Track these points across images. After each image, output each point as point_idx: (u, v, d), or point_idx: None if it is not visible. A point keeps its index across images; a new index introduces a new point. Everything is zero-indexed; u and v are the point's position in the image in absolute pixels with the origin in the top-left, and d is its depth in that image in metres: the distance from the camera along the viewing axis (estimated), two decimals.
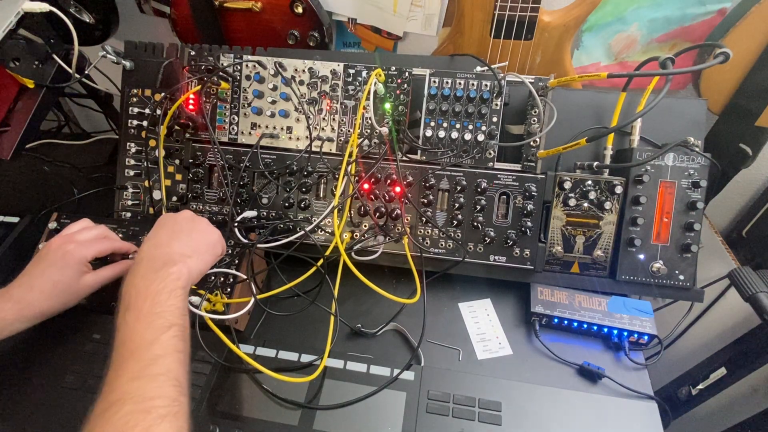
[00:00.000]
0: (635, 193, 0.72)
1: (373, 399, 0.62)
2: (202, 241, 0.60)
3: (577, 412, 0.62)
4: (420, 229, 0.77)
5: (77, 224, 0.68)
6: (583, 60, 1.01)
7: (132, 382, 0.43)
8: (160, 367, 0.45)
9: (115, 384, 0.43)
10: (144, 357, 0.45)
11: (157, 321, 0.47)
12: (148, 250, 0.56)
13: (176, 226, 0.60)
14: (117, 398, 0.42)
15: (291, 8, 0.91)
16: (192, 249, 0.57)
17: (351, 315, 0.74)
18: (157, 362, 0.45)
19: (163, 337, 0.47)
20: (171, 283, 0.51)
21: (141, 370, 0.44)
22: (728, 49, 0.59)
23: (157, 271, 0.52)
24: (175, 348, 0.47)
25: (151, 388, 0.43)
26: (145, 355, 0.45)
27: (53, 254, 0.62)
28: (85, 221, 0.69)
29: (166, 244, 0.56)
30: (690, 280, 0.73)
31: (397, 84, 0.75)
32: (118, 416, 0.40)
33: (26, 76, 0.81)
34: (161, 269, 0.52)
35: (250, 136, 0.80)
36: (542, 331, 0.73)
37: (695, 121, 0.76)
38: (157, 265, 0.53)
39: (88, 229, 0.67)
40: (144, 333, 0.46)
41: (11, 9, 0.75)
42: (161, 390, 0.43)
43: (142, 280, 0.51)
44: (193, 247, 0.58)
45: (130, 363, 0.44)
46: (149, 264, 0.53)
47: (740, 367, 0.72)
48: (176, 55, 0.83)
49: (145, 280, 0.51)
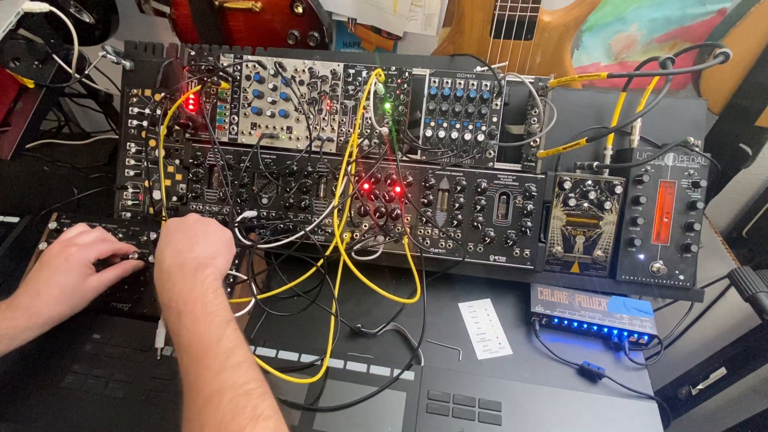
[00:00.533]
0: (635, 193, 0.72)
1: (374, 399, 0.62)
2: (219, 242, 0.61)
3: (577, 412, 0.62)
4: (420, 229, 0.77)
5: (74, 229, 0.68)
6: (583, 60, 1.01)
7: (219, 375, 0.45)
8: (238, 357, 0.47)
9: (204, 381, 0.45)
10: (219, 352, 0.47)
11: (215, 320, 0.50)
12: (173, 257, 0.56)
13: (191, 231, 0.60)
14: (213, 391, 0.44)
15: (291, 8, 0.90)
16: (214, 250, 0.59)
17: (351, 315, 0.74)
18: (234, 353, 0.47)
19: (227, 331, 0.49)
20: (211, 284, 0.53)
21: (222, 363, 0.46)
22: (728, 49, 0.59)
23: (194, 276, 0.53)
24: (240, 339, 0.49)
25: (239, 375, 0.45)
26: (219, 350, 0.47)
27: (56, 259, 0.62)
28: (81, 225, 0.70)
29: (189, 250, 0.57)
30: (690, 280, 0.73)
31: (397, 84, 0.75)
32: (224, 404, 0.42)
33: (26, 76, 0.81)
34: (196, 273, 0.53)
35: (250, 136, 0.80)
36: (542, 331, 0.73)
37: (695, 121, 0.76)
38: (190, 270, 0.54)
39: (86, 233, 0.68)
40: (208, 332, 0.49)
41: (11, 9, 0.75)
42: (249, 374, 0.46)
43: (182, 287, 0.52)
44: (213, 248, 0.59)
45: (206, 361, 0.46)
46: (181, 270, 0.54)
47: (740, 367, 0.72)
48: (176, 55, 0.83)
49: (186, 286, 0.52)
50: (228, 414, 0.42)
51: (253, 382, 0.45)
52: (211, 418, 0.42)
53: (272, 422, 0.42)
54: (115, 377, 0.63)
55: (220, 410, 0.42)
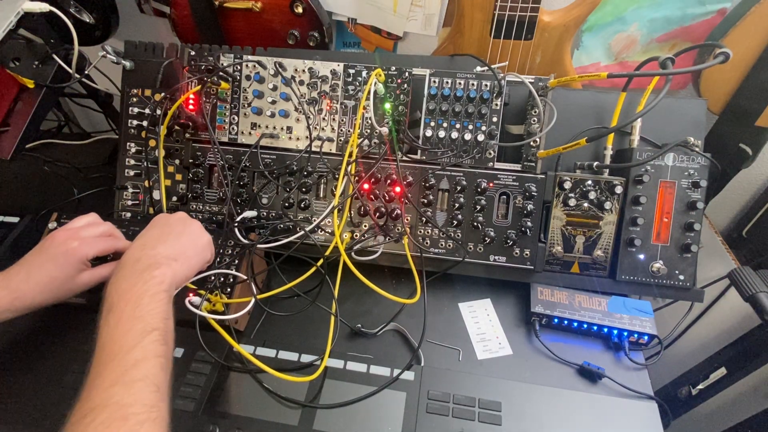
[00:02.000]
0: (635, 193, 0.72)
1: (374, 399, 0.62)
2: (189, 245, 0.59)
3: (577, 412, 0.62)
4: (420, 229, 0.77)
5: (84, 218, 0.66)
6: (583, 60, 1.01)
7: (110, 388, 0.42)
8: (139, 373, 0.44)
9: (93, 391, 0.42)
10: (123, 362, 0.44)
11: (138, 325, 0.47)
12: (134, 251, 0.55)
13: (166, 228, 0.59)
14: (94, 405, 0.41)
15: (291, 8, 0.91)
16: (178, 252, 0.57)
17: (351, 315, 0.74)
18: (137, 367, 0.44)
19: (144, 341, 0.46)
20: (154, 287, 0.51)
21: (120, 375, 0.43)
22: (728, 49, 0.59)
23: (141, 273, 0.51)
24: (155, 353, 0.46)
25: (129, 394, 0.42)
26: (125, 360, 0.44)
27: (55, 249, 0.61)
28: (93, 216, 0.68)
29: (152, 246, 0.56)
30: (690, 280, 0.73)
31: (397, 84, 0.75)
32: (95, 423, 0.39)
33: (26, 76, 0.81)
34: (145, 271, 0.52)
35: (250, 136, 0.80)
36: (542, 331, 0.73)
37: (695, 121, 0.76)
38: (141, 267, 0.52)
39: (94, 226, 0.66)
40: (124, 337, 0.46)
41: (11, 9, 0.75)
42: (139, 396, 0.42)
43: (125, 282, 0.51)
44: (179, 250, 0.57)
45: (108, 368, 0.44)
46: (133, 266, 0.53)
47: (740, 367, 0.72)
48: (176, 55, 0.82)
49: (128, 283, 0.51)
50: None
51: (138, 405, 0.41)
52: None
53: None
54: None
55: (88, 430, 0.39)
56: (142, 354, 0.45)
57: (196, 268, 0.60)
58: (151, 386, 0.44)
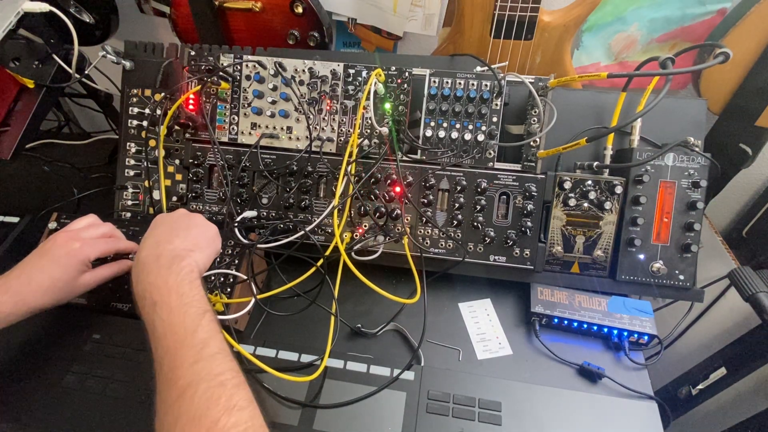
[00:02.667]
0: (635, 193, 0.72)
1: (373, 399, 0.62)
2: (201, 236, 0.60)
3: (577, 412, 0.62)
4: (420, 229, 0.77)
5: (84, 220, 0.67)
6: (583, 60, 1.01)
7: (194, 365, 0.45)
8: (213, 347, 0.47)
9: (179, 372, 0.44)
10: (194, 343, 0.46)
11: (190, 310, 0.49)
12: (151, 248, 0.56)
13: (174, 224, 0.60)
14: (188, 382, 0.43)
15: (291, 8, 0.91)
16: (193, 244, 0.58)
17: (351, 315, 0.74)
18: (208, 344, 0.47)
19: (203, 322, 0.48)
20: (187, 275, 0.52)
21: (197, 354, 0.46)
22: (728, 49, 0.59)
23: (169, 267, 0.52)
24: (216, 330, 0.49)
25: (214, 365, 0.45)
26: (194, 341, 0.47)
27: (57, 250, 0.61)
28: (92, 217, 0.68)
29: (168, 241, 0.56)
30: (690, 280, 0.73)
31: (397, 84, 0.75)
32: (198, 395, 0.42)
33: (26, 76, 0.81)
34: (172, 264, 0.53)
35: (250, 136, 0.80)
36: (542, 331, 0.73)
37: (695, 121, 0.76)
38: (166, 262, 0.53)
39: (94, 227, 0.66)
40: (183, 323, 0.48)
41: (11, 9, 0.75)
42: (224, 365, 0.45)
43: (157, 277, 0.52)
44: (193, 242, 0.58)
45: (181, 352, 0.46)
46: (157, 262, 0.53)
47: (740, 367, 0.72)
48: (176, 55, 0.82)
49: (161, 277, 0.52)
50: (202, 405, 0.41)
51: (228, 372, 0.45)
52: (185, 410, 0.42)
53: (246, 412, 0.42)
54: (115, 377, 0.63)
55: (194, 402, 0.42)
56: (206, 333, 0.48)
57: (211, 257, 0.61)
58: (228, 356, 0.47)
